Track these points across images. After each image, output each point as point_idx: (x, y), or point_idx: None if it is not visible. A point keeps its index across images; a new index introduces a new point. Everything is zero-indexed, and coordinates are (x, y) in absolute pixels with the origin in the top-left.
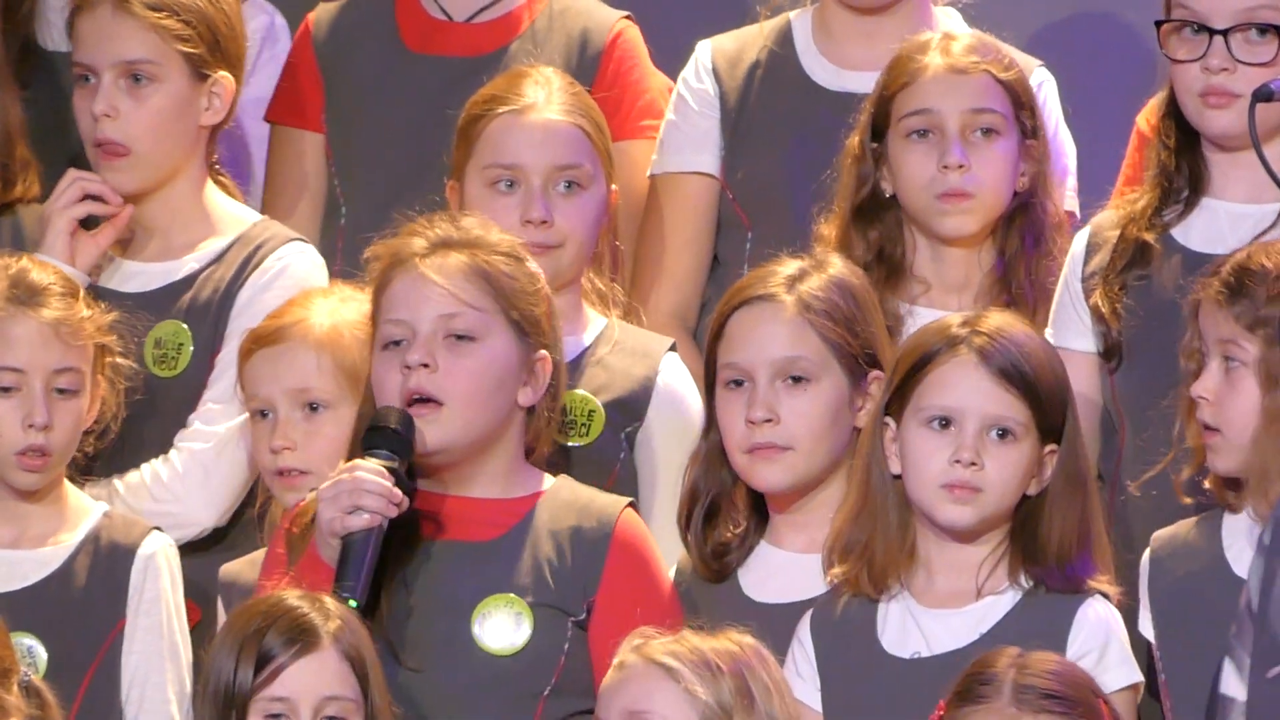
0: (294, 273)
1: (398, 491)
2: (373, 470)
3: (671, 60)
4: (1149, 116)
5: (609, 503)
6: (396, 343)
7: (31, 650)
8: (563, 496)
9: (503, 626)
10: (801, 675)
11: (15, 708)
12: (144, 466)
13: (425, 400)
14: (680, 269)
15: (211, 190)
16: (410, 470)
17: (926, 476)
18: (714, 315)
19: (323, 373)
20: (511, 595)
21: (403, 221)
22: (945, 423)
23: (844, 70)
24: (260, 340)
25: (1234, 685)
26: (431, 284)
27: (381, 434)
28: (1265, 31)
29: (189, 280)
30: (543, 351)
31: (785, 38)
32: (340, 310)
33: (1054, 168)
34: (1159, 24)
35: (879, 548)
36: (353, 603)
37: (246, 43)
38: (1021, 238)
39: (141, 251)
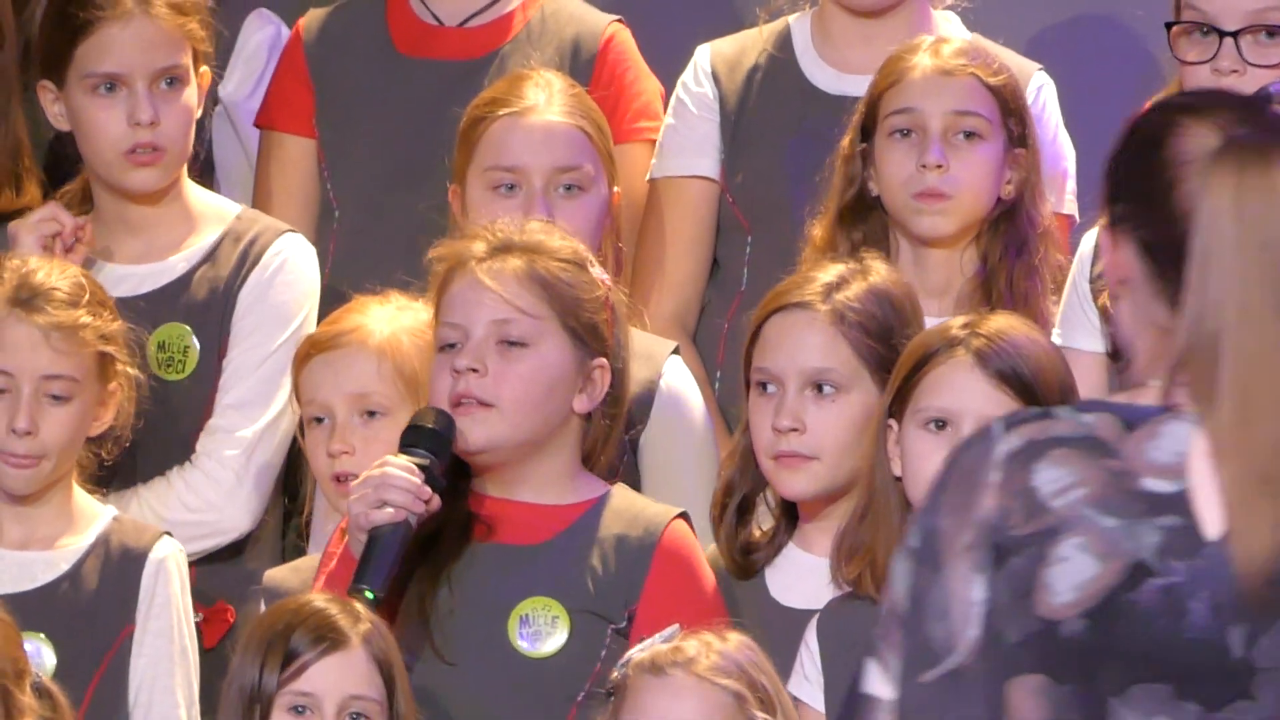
0: (294, 266)
1: (426, 489)
2: (401, 466)
3: (665, 64)
4: None
5: (659, 512)
6: (452, 345)
7: (39, 653)
8: (614, 504)
9: (539, 629)
10: (808, 678)
11: (30, 708)
12: (170, 475)
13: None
14: (680, 273)
15: (188, 184)
16: (448, 471)
17: (922, 479)
18: (753, 316)
19: (383, 379)
20: (549, 599)
21: (396, 227)
22: (942, 424)
23: (843, 74)
24: (318, 346)
25: (878, 685)
26: (486, 289)
27: (418, 432)
28: (1275, 34)
29: (183, 281)
30: (601, 359)
31: (784, 41)
32: (399, 318)
33: (1054, 172)
34: (1169, 25)
35: (881, 550)
36: (369, 594)
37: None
38: (1004, 246)
39: (125, 253)
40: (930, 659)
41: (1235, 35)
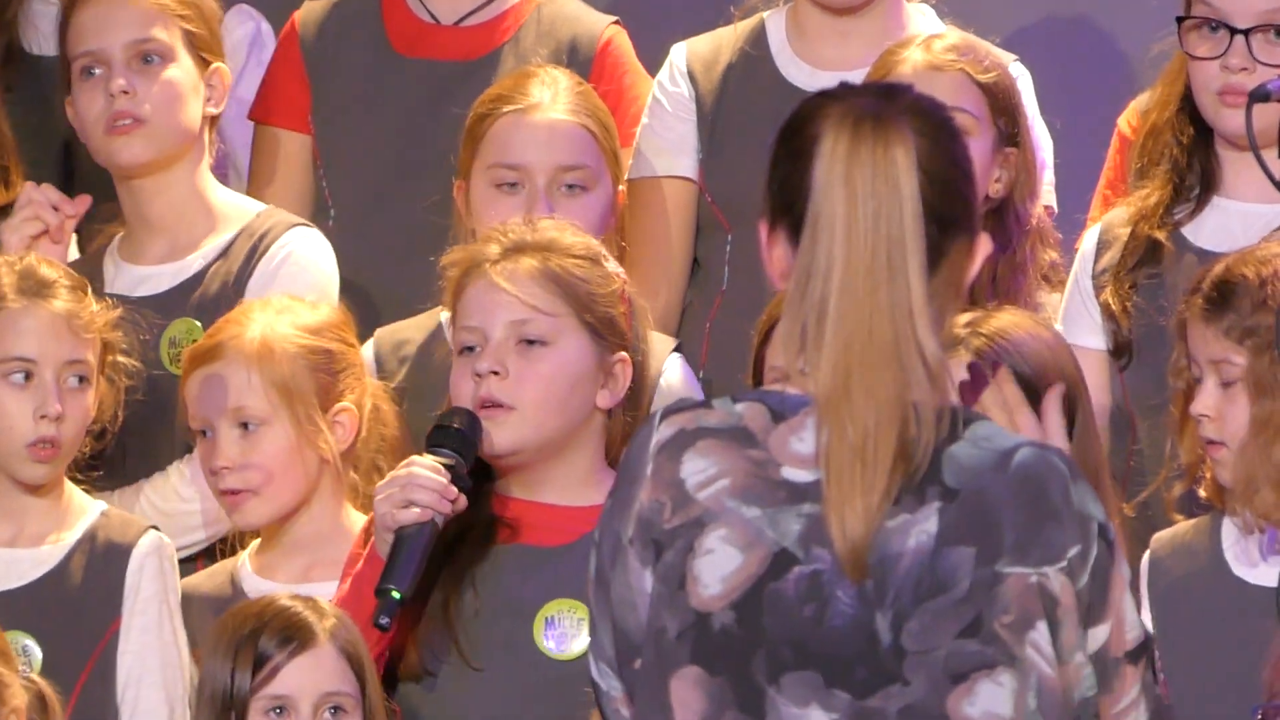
0: (299, 259)
1: (453, 488)
2: (428, 466)
3: (661, 64)
4: (1130, 119)
5: None
6: (471, 349)
7: (27, 649)
8: None
9: (565, 631)
10: None
11: (19, 693)
12: (170, 468)
13: (495, 405)
14: (661, 273)
15: (212, 184)
16: (474, 470)
17: None
18: (764, 315)
19: (254, 390)
20: (574, 601)
21: (391, 226)
22: None
23: (818, 70)
24: (196, 360)
25: (597, 676)
26: (501, 290)
27: (445, 433)
28: None
29: (198, 277)
30: (622, 353)
31: (759, 38)
32: (274, 323)
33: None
34: (1180, 20)
35: None
36: (396, 594)
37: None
38: (990, 242)
39: (149, 255)
40: (634, 650)
41: (1246, 33)
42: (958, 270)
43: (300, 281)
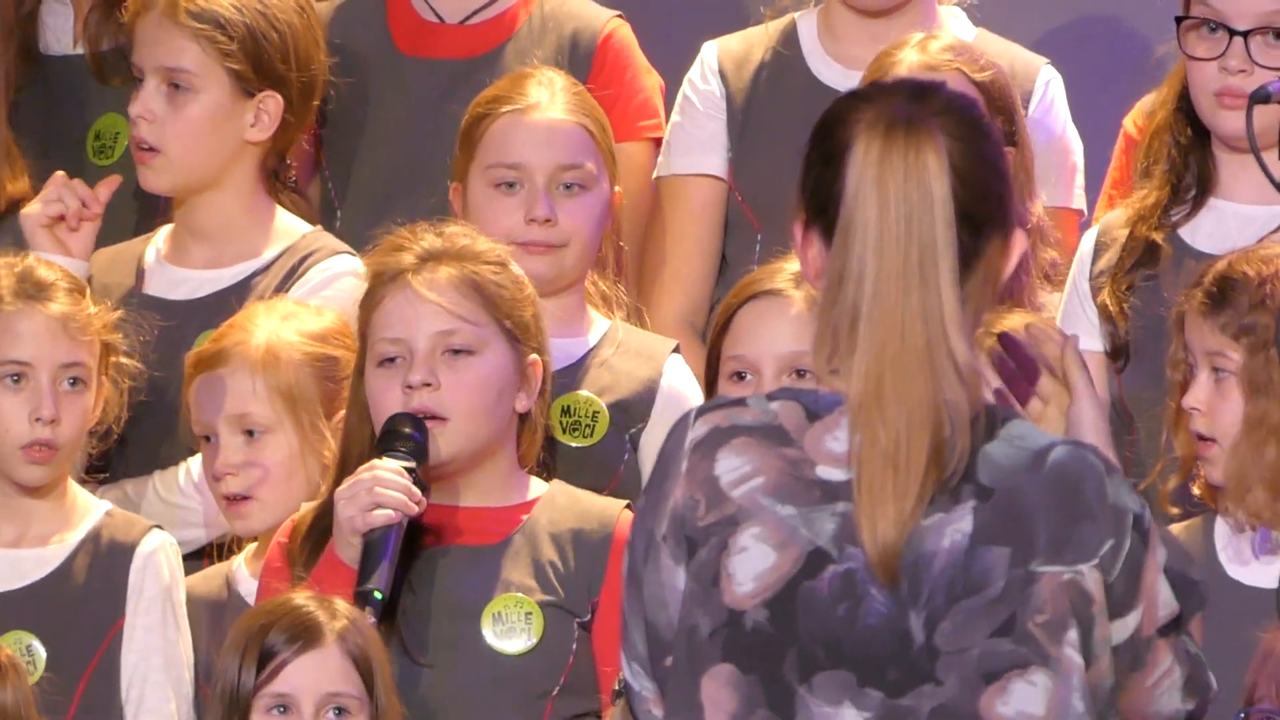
0: (339, 286)
1: (416, 490)
2: (392, 470)
3: (668, 60)
4: (1136, 119)
5: (607, 505)
6: (392, 360)
7: (31, 649)
8: (560, 501)
9: (512, 627)
10: None
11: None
12: (181, 464)
13: (429, 417)
14: (689, 272)
15: (263, 200)
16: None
17: None
18: (720, 309)
19: (258, 397)
20: (520, 595)
21: (392, 229)
22: None
23: (850, 71)
24: (201, 365)
25: (629, 677)
26: (425, 300)
27: (398, 436)
28: None
29: (234, 289)
30: (534, 355)
31: (790, 39)
32: (280, 330)
33: (1063, 166)
34: (1179, 20)
35: None
36: (378, 595)
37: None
38: (1025, 239)
39: (192, 259)
40: (666, 647)
41: (1245, 35)
42: (993, 269)
43: (331, 306)
